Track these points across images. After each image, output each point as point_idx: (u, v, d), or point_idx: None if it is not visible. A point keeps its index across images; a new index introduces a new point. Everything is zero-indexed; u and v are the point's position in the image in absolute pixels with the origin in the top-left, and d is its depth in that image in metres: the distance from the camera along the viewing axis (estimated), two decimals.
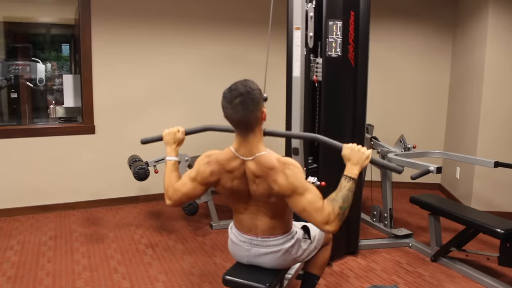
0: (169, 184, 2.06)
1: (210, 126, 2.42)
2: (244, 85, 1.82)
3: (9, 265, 3.21)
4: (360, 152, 1.88)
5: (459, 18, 5.01)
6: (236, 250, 2.11)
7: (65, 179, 4.43)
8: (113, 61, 4.48)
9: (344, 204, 1.79)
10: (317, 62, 3.07)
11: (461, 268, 3.17)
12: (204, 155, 2.00)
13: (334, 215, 1.76)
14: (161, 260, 3.35)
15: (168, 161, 2.14)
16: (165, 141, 2.23)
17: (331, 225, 1.77)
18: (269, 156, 1.85)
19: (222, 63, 4.84)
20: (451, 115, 5.15)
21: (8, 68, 5.63)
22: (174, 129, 2.22)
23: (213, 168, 1.94)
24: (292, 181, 1.80)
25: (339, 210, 1.77)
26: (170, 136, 2.21)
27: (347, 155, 1.90)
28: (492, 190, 4.38)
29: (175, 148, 2.20)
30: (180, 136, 2.23)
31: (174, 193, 2.03)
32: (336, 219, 1.77)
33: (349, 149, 1.90)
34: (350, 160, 1.89)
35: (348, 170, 1.87)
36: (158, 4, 4.56)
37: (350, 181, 1.84)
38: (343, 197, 1.79)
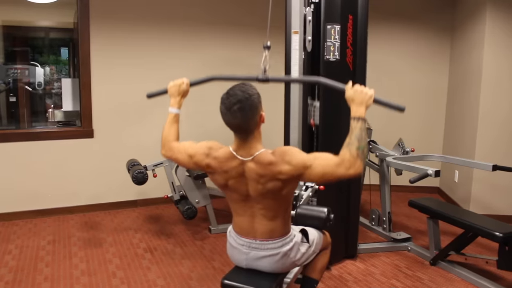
0: (167, 138, 2.18)
1: (215, 76, 2.40)
2: (242, 90, 1.82)
3: (7, 270, 3.20)
4: (363, 92, 1.86)
5: (457, 22, 5.03)
6: (235, 254, 2.11)
7: (64, 183, 4.42)
8: (112, 65, 4.48)
9: (360, 144, 1.77)
10: (314, 106, 3.09)
11: (460, 272, 3.17)
12: (206, 145, 2.00)
13: (353, 157, 1.75)
14: (159, 264, 3.35)
15: (171, 112, 2.22)
16: (170, 93, 2.29)
17: (354, 167, 1.76)
18: (265, 153, 1.87)
19: (222, 66, 4.84)
20: (450, 119, 5.16)
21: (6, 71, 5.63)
22: (178, 81, 2.26)
23: (210, 163, 1.95)
24: (296, 162, 1.80)
25: (357, 151, 1.76)
26: (175, 88, 2.27)
27: (351, 96, 1.87)
28: (490, 194, 4.38)
29: (179, 100, 2.27)
30: (184, 88, 2.27)
31: (169, 151, 2.16)
32: (357, 160, 1.76)
33: (352, 91, 1.87)
34: (354, 100, 1.86)
35: (354, 111, 1.85)
36: (157, 8, 4.57)
37: (359, 121, 1.82)
38: (358, 138, 1.78)
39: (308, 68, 3.04)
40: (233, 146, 1.92)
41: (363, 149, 1.78)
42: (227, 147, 1.93)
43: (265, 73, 2.10)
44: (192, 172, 3.85)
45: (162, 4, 4.59)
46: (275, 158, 1.83)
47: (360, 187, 3.50)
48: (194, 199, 3.88)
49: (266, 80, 2.02)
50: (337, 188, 3.25)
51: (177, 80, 2.25)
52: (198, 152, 1.99)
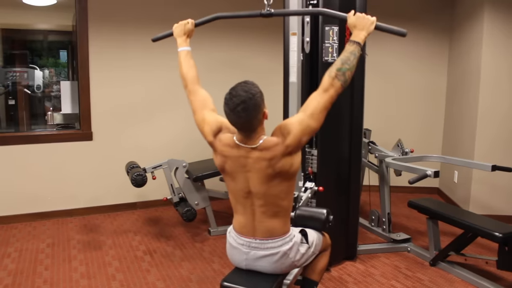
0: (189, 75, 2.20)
1: (220, 15, 2.42)
2: (245, 90, 1.83)
3: (6, 273, 3.19)
4: (366, 19, 1.89)
5: (455, 22, 5.03)
6: (234, 254, 2.11)
7: (63, 186, 4.42)
8: (111, 67, 4.48)
9: (343, 66, 1.79)
10: (312, 154, 3.11)
11: (460, 272, 3.17)
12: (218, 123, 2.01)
13: (331, 77, 1.80)
14: (159, 266, 3.34)
15: (181, 51, 2.27)
16: (175, 34, 2.33)
17: (333, 86, 1.83)
18: (268, 138, 1.90)
19: (220, 68, 4.85)
20: (449, 119, 5.16)
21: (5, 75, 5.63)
22: (183, 21, 2.32)
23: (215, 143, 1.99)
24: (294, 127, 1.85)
25: (336, 72, 1.79)
26: (180, 27, 2.32)
27: (353, 22, 1.90)
28: (490, 194, 4.38)
29: (185, 39, 2.32)
30: (190, 27, 2.32)
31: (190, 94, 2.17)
32: (334, 79, 1.81)
33: (355, 17, 1.91)
34: (356, 26, 1.89)
35: (354, 35, 1.87)
36: (155, 10, 4.58)
37: (353, 44, 1.85)
38: (342, 59, 1.81)
39: (306, 70, 3.04)
40: (237, 137, 1.94)
41: (344, 71, 1.81)
42: (232, 135, 1.96)
43: (268, 7, 2.15)
44: (191, 174, 3.85)
45: (159, 7, 4.60)
46: (277, 138, 1.88)
47: (359, 188, 3.50)
48: (194, 201, 3.88)
49: (270, 15, 2.06)
50: (336, 189, 3.25)
51: (182, 21, 2.33)
52: (210, 125, 2.02)
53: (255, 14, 2.18)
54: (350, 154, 3.29)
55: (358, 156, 3.33)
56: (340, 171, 3.28)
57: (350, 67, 1.83)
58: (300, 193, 2.73)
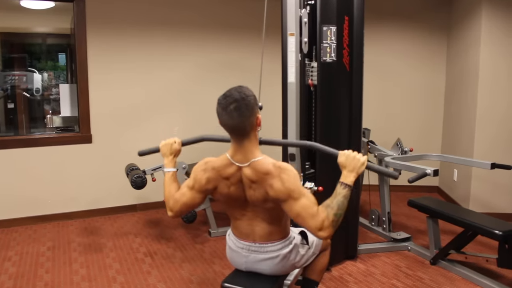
0: (169, 196, 2.07)
1: (206, 136, 2.43)
2: (238, 91, 1.82)
3: (7, 277, 3.19)
4: (356, 159, 1.87)
5: (453, 21, 5.04)
6: (234, 257, 2.11)
7: (63, 189, 4.42)
8: (109, 70, 4.48)
9: (338, 211, 1.78)
10: (312, 66, 3.08)
11: (461, 271, 3.17)
12: (201, 163, 2.00)
13: (328, 221, 1.76)
14: (160, 268, 3.34)
15: (167, 172, 2.15)
16: (162, 153, 2.24)
17: (325, 231, 1.76)
18: (264, 161, 1.85)
19: (218, 70, 4.85)
20: (448, 118, 5.17)
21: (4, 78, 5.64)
22: (170, 140, 2.23)
23: (210, 175, 1.94)
24: (288, 186, 1.79)
25: (333, 217, 1.76)
26: (166, 147, 2.23)
27: (343, 162, 1.89)
28: (489, 192, 4.38)
29: (172, 159, 2.21)
30: (176, 147, 2.24)
31: (175, 204, 2.03)
32: (330, 226, 1.76)
33: (344, 156, 1.89)
34: (346, 167, 1.88)
35: (344, 177, 1.86)
36: (153, 12, 4.58)
37: (345, 188, 1.83)
38: (338, 204, 1.79)
39: (304, 70, 3.05)
40: (230, 151, 1.91)
41: (339, 216, 1.79)
42: (224, 154, 1.93)
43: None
44: None
45: (158, 9, 4.60)
46: (273, 169, 1.82)
47: (359, 187, 3.50)
48: None
49: (260, 143, 2.00)
50: None
51: (169, 139, 2.24)
52: (197, 174, 1.97)
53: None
54: None
55: None
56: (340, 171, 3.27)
57: (343, 212, 1.81)
58: None
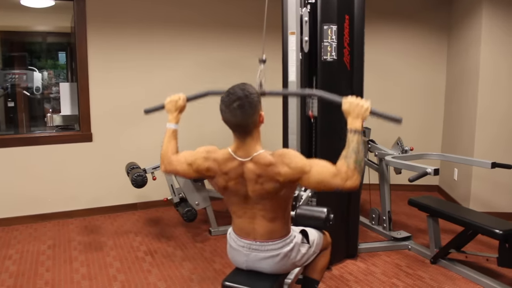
0: (166, 153, 2.16)
1: (211, 91, 2.41)
2: (242, 88, 1.83)
3: (7, 275, 3.19)
4: (359, 106, 1.89)
5: (453, 20, 5.04)
6: (235, 256, 2.11)
7: (63, 188, 4.42)
8: (110, 68, 4.48)
9: (357, 157, 1.79)
10: (313, 98, 3.09)
11: (461, 270, 3.17)
12: (204, 149, 2.01)
13: (351, 170, 1.77)
14: (160, 267, 3.35)
15: (169, 128, 2.23)
16: (167, 109, 2.30)
17: (352, 180, 1.78)
18: (265, 154, 1.87)
19: (218, 68, 4.85)
20: (448, 117, 5.17)
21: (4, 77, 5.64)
22: (175, 96, 2.28)
23: (210, 165, 1.96)
24: (295, 166, 1.81)
25: (354, 165, 1.77)
26: (171, 104, 2.28)
27: (347, 110, 1.90)
28: (490, 191, 4.38)
29: (176, 116, 2.28)
30: (181, 103, 2.28)
31: (169, 165, 2.13)
32: (354, 173, 1.78)
33: (348, 104, 1.90)
34: (350, 114, 1.89)
35: (350, 123, 1.87)
36: (153, 11, 4.58)
37: (355, 133, 1.84)
38: (354, 151, 1.80)
39: (305, 69, 3.04)
40: (232, 147, 1.92)
41: (360, 162, 1.80)
42: (226, 148, 1.94)
43: (261, 87, 2.12)
44: None
45: (158, 8, 4.60)
46: (274, 159, 1.84)
47: (360, 186, 3.49)
48: (194, 201, 3.88)
49: (262, 94, 2.02)
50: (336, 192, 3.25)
51: (174, 95, 2.27)
52: (197, 158, 2.00)
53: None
54: None
55: None
56: None
57: (362, 157, 1.83)
58: (301, 192, 2.73)
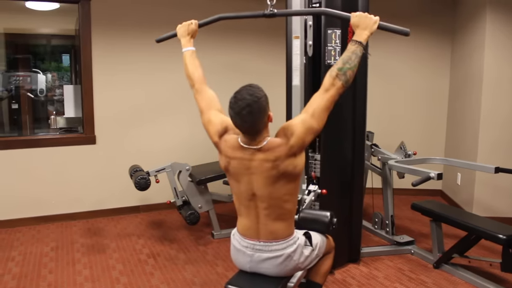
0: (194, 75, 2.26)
1: (223, 16, 2.43)
2: (250, 93, 1.84)
3: (10, 277, 3.20)
4: (368, 18, 1.91)
5: (457, 24, 5.04)
6: (239, 257, 2.11)
7: (66, 190, 4.43)
8: (114, 71, 4.50)
9: (344, 66, 1.80)
10: (315, 159, 3.13)
11: (464, 275, 3.16)
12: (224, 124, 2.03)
13: (332, 77, 1.82)
14: (163, 270, 3.35)
15: (186, 51, 2.30)
16: (179, 34, 2.36)
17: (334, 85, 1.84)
18: (272, 139, 1.92)
19: (221, 71, 4.86)
20: (451, 121, 5.16)
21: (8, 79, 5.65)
22: (187, 22, 2.35)
23: (220, 144, 2.01)
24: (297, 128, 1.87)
25: (337, 71, 1.81)
26: (184, 28, 2.35)
27: (356, 22, 1.92)
28: (493, 196, 4.37)
29: (189, 39, 2.34)
30: (193, 27, 2.35)
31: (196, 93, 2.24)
32: (335, 79, 1.83)
33: (357, 17, 1.93)
34: (358, 26, 1.91)
35: (356, 35, 1.88)
36: (157, 14, 4.59)
37: (355, 44, 1.86)
38: (343, 59, 1.82)
39: (309, 73, 3.05)
40: (242, 138, 1.95)
41: (345, 70, 1.82)
42: (237, 136, 1.97)
43: (271, 8, 2.18)
44: (194, 177, 3.85)
45: (162, 10, 4.61)
46: (281, 139, 1.89)
47: (362, 190, 3.50)
48: (197, 204, 3.89)
49: (273, 15, 2.08)
50: (339, 192, 3.25)
51: (185, 22, 2.35)
52: (215, 126, 2.04)
53: (258, 14, 2.21)
54: (353, 156, 3.29)
55: (361, 159, 3.34)
56: (343, 174, 3.28)
57: (351, 67, 1.84)
58: (304, 196, 2.74)
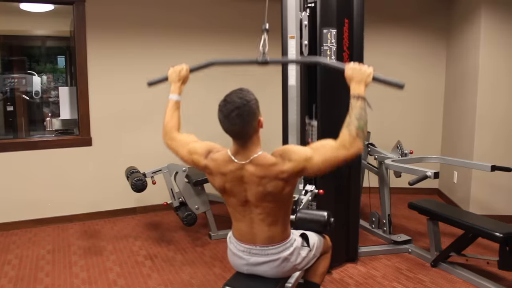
0: (169, 126, 2.17)
1: (215, 61, 2.39)
2: (239, 97, 1.82)
3: (6, 280, 3.18)
4: (362, 71, 1.89)
5: (452, 22, 5.05)
6: (235, 260, 2.10)
7: (63, 192, 4.41)
8: (109, 72, 4.48)
9: (360, 123, 1.78)
10: (312, 125, 3.10)
11: (461, 273, 3.17)
12: (206, 146, 1.99)
13: (352, 137, 1.77)
14: (160, 271, 3.34)
15: (170, 99, 2.23)
16: (170, 79, 2.29)
17: (354, 146, 1.78)
18: (264, 154, 1.87)
19: (219, 72, 4.84)
20: (447, 120, 5.17)
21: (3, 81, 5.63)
22: (178, 67, 2.27)
23: (208, 164, 1.95)
24: (297, 157, 1.81)
25: (356, 130, 1.77)
26: (175, 74, 2.27)
27: (350, 75, 1.90)
28: (489, 194, 4.39)
29: (180, 86, 2.27)
30: (184, 74, 2.27)
31: (170, 141, 2.13)
32: (356, 139, 1.78)
33: (351, 69, 1.90)
34: (353, 79, 1.89)
35: (353, 89, 1.86)
36: (153, 15, 4.58)
37: (358, 99, 1.84)
38: (357, 117, 1.79)
39: (305, 73, 3.05)
40: (232, 150, 1.91)
41: (362, 128, 1.79)
42: (226, 150, 1.93)
43: (264, 55, 2.13)
44: (191, 178, 3.84)
45: (158, 12, 4.60)
46: (275, 159, 1.84)
47: (359, 190, 3.50)
48: (194, 205, 3.88)
49: (266, 63, 2.04)
50: (336, 191, 3.25)
51: (177, 66, 2.27)
52: (198, 152, 1.99)
53: (251, 61, 2.16)
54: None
55: (357, 158, 3.34)
56: (340, 174, 3.27)
57: (365, 122, 1.82)
58: (301, 196, 2.73)
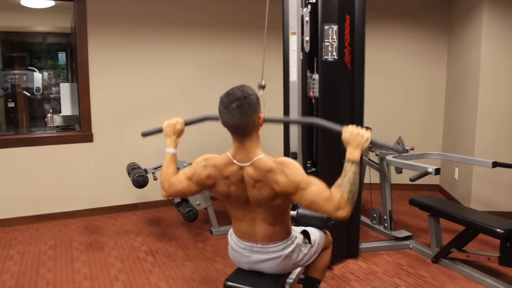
0: (165, 177, 2.11)
1: (210, 116, 2.39)
2: (241, 90, 1.82)
3: (9, 276, 3.20)
4: (359, 135, 1.87)
5: (454, 19, 5.03)
6: (236, 257, 2.11)
7: (64, 188, 4.42)
8: (110, 68, 4.48)
9: (352, 188, 1.78)
10: (313, 79, 3.08)
11: (462, 269, 3.17)
12: (202, 158, 1.99)
13: (344, 200, 1.76)
14: (161, 267, 3.35)
15: (167, 153, 2.18)
16: (165, 133, 2.25)
17: (343, 210, 1.76)
18: (265, 159, 1.85)
19: (219, 68, 4.85)
20: (449, 116, 5.17)
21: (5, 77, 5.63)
22: (173, 120, 2.23)
23: (210, 172, 1.93)
24: (293, 179, 1.80)
25: (348, 195, 1.76)
26: (169, 128, 2.23)
27: (347, 139, 1.88)
28: (491, 190, 4.39)
29: (175, 140, 2.22)
30: (179, 127, 2.24)
31: (170, 187, 2.08)
32: (347, 204, 1.76)
33: (348, 133, 1.88)
34: (350, 143, 1.87)
35: (349, 153, 1.85)
36: (154, 11, 4.58)
37: (353, 164, 1.83)
38: (350, 181, 1.79)
39: (306, 69, 3.05)
40: (231, 150, 1.91)
41: (354, 193, 1.79)
42: (225, 153, 1.92)
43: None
44: None
45: (159, 8, 4.60)
46: (275, 166, 1.82)
47: (360, 186, 3.50)
48: (195, 201, 3.88)
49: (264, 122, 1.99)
50: None
51: (172, 119, 2.23)
52: (196, 169, 1.97)
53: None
54: None
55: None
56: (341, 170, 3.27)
57: (357, 188, 1.82)
58: None
